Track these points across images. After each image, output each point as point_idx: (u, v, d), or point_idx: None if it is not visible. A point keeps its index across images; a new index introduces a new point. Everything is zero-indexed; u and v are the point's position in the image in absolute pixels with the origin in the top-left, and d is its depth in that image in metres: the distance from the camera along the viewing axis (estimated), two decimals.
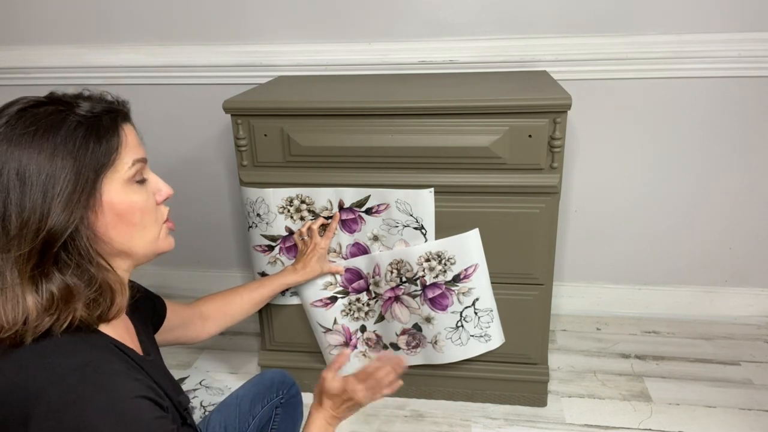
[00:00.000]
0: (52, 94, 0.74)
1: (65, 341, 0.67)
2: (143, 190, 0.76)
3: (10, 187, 0.66)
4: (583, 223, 1.84)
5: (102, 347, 0.71)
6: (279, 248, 1.44)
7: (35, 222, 0.66)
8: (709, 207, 1.78)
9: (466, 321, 1.41)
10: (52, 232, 0.67)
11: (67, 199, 0.67)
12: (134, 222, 0.74)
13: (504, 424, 1.47)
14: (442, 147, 1.30)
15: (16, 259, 0.66)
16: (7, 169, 0.66)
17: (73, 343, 0.68)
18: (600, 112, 1.70)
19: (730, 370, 1.64)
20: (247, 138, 1.37)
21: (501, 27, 1.66)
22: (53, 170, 0.67)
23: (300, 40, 1.74)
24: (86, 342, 0.69)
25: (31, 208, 0.66)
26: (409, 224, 1.35)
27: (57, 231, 0.67)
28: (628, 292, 1.91)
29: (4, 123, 0.68)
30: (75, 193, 0.68)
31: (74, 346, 0.67)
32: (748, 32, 1.57)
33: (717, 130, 1.69)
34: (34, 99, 0.72)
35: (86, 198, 0.69)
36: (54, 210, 0.67)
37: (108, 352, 0.71)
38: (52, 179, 0.67)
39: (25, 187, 0.66)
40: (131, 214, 0.74)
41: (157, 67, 1.82)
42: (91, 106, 0.72)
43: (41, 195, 0.67)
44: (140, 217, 0.75)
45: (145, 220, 0.76)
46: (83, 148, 0.69)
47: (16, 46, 1.88)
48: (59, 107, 0.71)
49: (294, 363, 1.56)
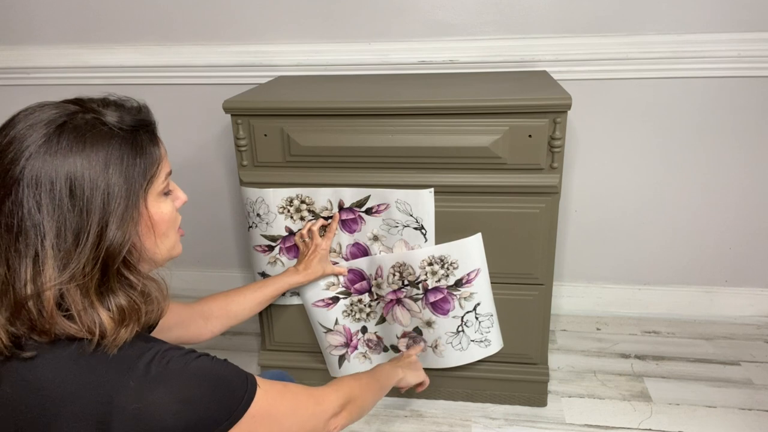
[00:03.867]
0: (81, 101, 0.73)
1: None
2: (169, 200, 0.78)
3: (64, 204, 0.65)
4: (583, 223, 1.84)
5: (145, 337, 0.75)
6: (279, 248, 1.44)
7: (93, 240, 0.67)
8: (709, 207, 1.78)
9: (466, 326, 1.40)
10: (110, 250, 0.68)
11: (122, 216, 0.69)
12: (161, 232, 0.76)
13: (504, 424, 1.47)
14: (442, 147, 1.30)
15: (80, 281, 0.66)
16: (59, 185, 0.65)
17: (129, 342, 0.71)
18: (600, 112, 1.70)
19: (730, 370, 1.64)
20: (247, 138, 1.37)
21: (501, 27, 1.66)
22: (107, 186, 0.67)
23: (300, 40, 1.74)
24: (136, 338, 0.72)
25: (88, 225, 0.66)
26: (409, 224, 1.35)
27: (115, 248, 0.68)
28: (628, 292, 1.91)
29: (46, 138, 0.66)
30: (128, 209, 0.70)
31: (130, 343, 0.70)
32: (748, 32, 1.57)
33: (717, 130, 1.69)
34: (65, 108, 0.70)
35: (136, 213, 0.71)
36: (111, 227, 0.68)
37: (152, 339, 0.75)
38: (106, 196, 0.67)
39: (80, 204, 0.66)
40: (161, 225, 0.76)
41: (157, 67, 1.82)
42: (122, 117, 0.72)
43: (98, 212, 0.67)
44: (166, 227, 0.77)
45: (169, 230, 0.78)
46: (131, 163, 0.70)
47: (16, 46, 1.88)
48: (97, 117, 0.70)
49: (294, 363, 1.56)
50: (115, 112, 0.72)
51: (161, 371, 0.68)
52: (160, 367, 0.68)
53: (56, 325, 0.66)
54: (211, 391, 0.71)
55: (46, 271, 0.65)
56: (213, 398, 0.71)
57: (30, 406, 0.66)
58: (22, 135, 0.66)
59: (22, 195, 0.64)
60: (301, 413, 0.86)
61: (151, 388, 0.67)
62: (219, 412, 0.72)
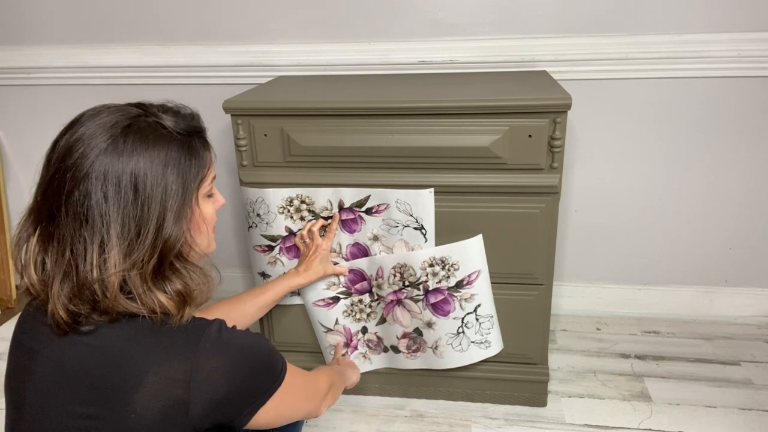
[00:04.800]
0: (143, 105, 0.80)
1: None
2: (211, 202, 0.86)
3: (129, 198, 0.72)
4: (583, 223, 1.84)
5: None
6: (279, 248, 1.44)
7: (153, 232, 0.74)
8: (710, 207, 1.78)
9: (467, 327, 1.41)
10: (168, 243, 0.75)
11: (178, 212, 0.76)
12: (202, 230, 0.83)
13: (504, 424, 1.47)
14: (442, 147, 1.30)
15: (140, 268, 0.73)
16: (125, 180, 0.72)
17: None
18: (600, 112, 1.70)
19: (730, 370, 1.64)
20: (247, 138, 1.37)
21: (501, 27, 1.66)
22: (166, 184, 0.75)
23: (300, 40, 1.74)
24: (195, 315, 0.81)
25: (148, 218, 0.73)
26: (409, 224, 1.35)
27: (172, 242, 0.76)
28: (628, 292, 1.91)
29: (113, 139, 0.73)
30: (184, 206, 0.77)
31: (192, 318, 0.79)
32: (748, 32, 1.57)
33: (717, 130, 1.69)
34: (129, 111, 0.77)
35: (189, 211, 0.78)
36: (167, 222, 0.75)
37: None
38: (165, 193, 0.74)
39: (142, 198, 0.73)
40: (203, 224, 0.83)
41: (157, 67, 1.82)
42: (178, 122, 0.79)
43: (157, 207, 0.74)
44: (207, 226, 0.84)
45: (209, 229, 0.85)
46: (187, 165, 0.77)
47: (16, 46, 1.88)
48: (158, 121, 0.77)
49: (294, 363, 1.54)
50: (173, 117, 0.79)
51: (229, 338, 0.78)
52: (228, 335, 0.78)
53: (119, 306, 0.73)
54: (264, 362, 0.82)
55: (111, 257, 0.72)
56: (265, 369, 0.82)
57: (107, 371, 0.72)
58: (90, 134, 0.73)
59: (91, 187, 0.71)
60: (311, 389, 0.98)
61: (222, 352, 0.75)
62: (268, 381, 0.82)
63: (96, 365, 0.73)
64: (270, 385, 0.82)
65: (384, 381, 1.55)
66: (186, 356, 0.73)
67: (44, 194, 0.74)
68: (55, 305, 0.72)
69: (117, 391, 0.72)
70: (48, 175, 0.74)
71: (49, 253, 0.73)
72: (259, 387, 0.81)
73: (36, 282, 0.74)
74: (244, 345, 0.79)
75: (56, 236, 0.73)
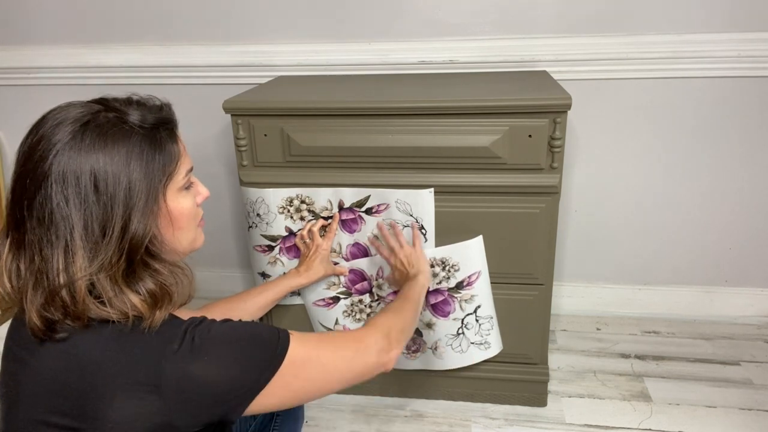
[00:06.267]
0: (105, 100, 0.77)
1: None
2: (190, 195, 0.82)
3: (90, 198, 0.70)
4: (583, 223, 1.84)
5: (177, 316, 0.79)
6: (279, 248, 1.44)
7: (118, 232, 0.71)
8: (709, 207, 1.78)
9: (467, 328, 1.41)
10: (133, 242, 0.72)
11: (143, 210, 0.73)
12: (181, 226, 0.80)
13: (504, 424, 1.47)
14: (442, 147, 1.30)
15: (108, 270, 0.71)
16: (84, 180, 0.69)
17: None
18: (600, 112, 1.70)
19: (730, 370, 1.64)
20: (247, 138, 1.37)
21: (501, 27, 1.66)
22: (129, 181, 0.71)
23: (300, 40, 1.74)
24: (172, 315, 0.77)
25: (112, 218, 0.70)
26: (409, 224, 1.35)
27: (138, 239, 0.72)
28: (628, 292, 1.91)
29: (71, 136, 0.70)
30: (148, 203, 0.73)
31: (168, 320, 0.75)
32: (748, 32, 1.57)
33: (717, 131, 1.69)
34: (90, 108, 0.74)
35: (157, 207, 0.75)
36: (133, 219, 0.72)
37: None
38: (128, 190, 0.71)
39: (104, 198, 0.70)
40: (180, 219, 0.79)
41: (157, 67, 1.82)
42: (144, 115, 0.75)
43: (121, 206, 0.71)
44: (186, 221, 0.81)
45: (189, 224, 0.82)
46: (151, 160, 0.74)
47: (16, 46, 1.88)
48: (119, 117, 0.74)
49: None
50: (137, 110, 0.76)
51: (202, 336, 0.73)
52: (203, 333, 0.74)
53: (90, 311, 0.70)
54: (248, 350, 0.76)
55: (76, 261, 0.69)
56: (250, 356, 0.76)
57: (78, 381, 0.70)
58: (49, 133, 0.70)
59: (51, 190, 0.69)
60: (343, 353, 0.88)
61: (196, 352, 0.72)
62: (257, 368, 0.76)
63: (70, 374, 0.70)
64: (259, 374, 0.76)
65: (384, 381, 1.55)
66: (156, 361, 0.70)
67: (11, 200, 0.72)
68: (30, 313, 0.70)
69: (91, 402, 0.69)
70: (12, 181, 0.72)
71: (21, 260, 0.72)
72: (244, 380, 0.74)
73: (11, 290, 0.73)
74: (221, 339, 0.75)
75: (26, 243, 0.71)
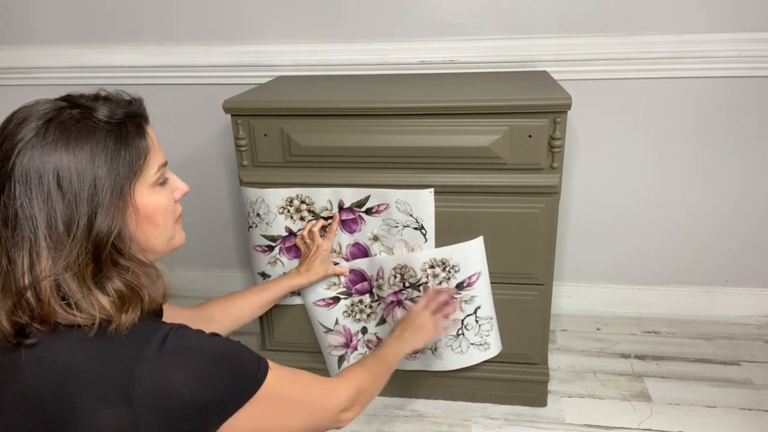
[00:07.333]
0: (71, 97, 0.75)
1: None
2: (165, 191, 0.80)
3: (53, 197, 0.68)
4: (583, 223, 1.84)
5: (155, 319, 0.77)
6: (279, 248, 1.44)
7: (83, 229, 0.69)
8: (709, 207, 1.78)
9: (466, 329, 1.41)
10: (98, 239, 0.70)
11: (108, 206, 0.70)
12: (157, 223, 0.78)
13: (504, 424, 1.47)
14: (442, 147, 1.30)
15: (74, 269, 0.69)
16: (47, 179, 0.68)
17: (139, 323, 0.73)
18: (600, 112, 1.70)
19: (730, 370, 1.64)
20: (247, 138, 1.37)
21: (501, 27, 1.66)
22: (94, 178, 0.69)
23: (300, 40, 1.74)
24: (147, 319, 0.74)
25: (77, 216, 0.68)
26: (409, 224, 1.35)
27: (102, 237, 0.70)
28: (628, 292, 1.91)
29: (33, 134, 0.68)
30: (113, 199, 0.71)
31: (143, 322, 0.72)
32: (748, 32, 1.57)
33: (717, 130, 1.69)
34: (54, 105, 0.72)
35: (123, 204, 0.72)
36: (99, 217, 0.70)
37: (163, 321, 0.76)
38: (93, 188, 0.69)
39: (68, 196, 0.68)
40: (155, 216, 0.77)
41: (157, 67, 1.82)
42: (112, 110, 0.73)
43: (85, 203, 0.69)
44: (162, 218, 0.78)
45: (166, 221, 0.79)
46: (116, 156, 0.71)
47: (16, 46, 1.88)
48: (84, 113, 0.72)
49: (294, 363, 1.54)
50: (104, 106, 0.74)
51: (177, 345, 0.71)
52: (176, 341, 0.71)
53: (56, 314, 0.68)
54: (225, 368, 0.74)
55: (41, 261, 0.68)
56: (226, 375, 0.73)
57: (51, 387, 0.68)
58: (14, 132, 0.69)
59: (15, 190, 0.67)
60: (311, 403, 0.87)
61: (169, 362, 0.69)
62: (232, 389, 0.74)
63: (40, 381, 0.68)
64: (235, 397, 0.74)
65: None
66: (126, 368, 0.67)
67: None
68: (0, 317, 0.68)
69: (61, 411, 0.67)
70: None
71: None
72: (217, 398, 0.72)
73: None
74: (199, 351, 0.72)
75: None
